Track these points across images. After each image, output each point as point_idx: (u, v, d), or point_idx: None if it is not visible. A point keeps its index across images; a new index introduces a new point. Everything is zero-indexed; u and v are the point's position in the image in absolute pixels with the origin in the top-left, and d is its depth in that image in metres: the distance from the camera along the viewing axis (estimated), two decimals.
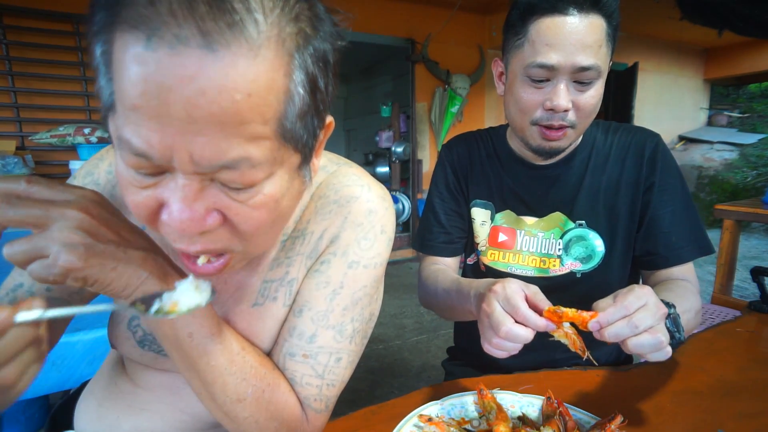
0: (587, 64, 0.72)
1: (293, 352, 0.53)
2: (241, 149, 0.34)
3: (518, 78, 0.79)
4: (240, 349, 0.49)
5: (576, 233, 0.88)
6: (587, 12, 0.72)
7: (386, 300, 3.40)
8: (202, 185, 0.36)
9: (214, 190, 0.37)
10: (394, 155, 4.92)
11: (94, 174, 0.57)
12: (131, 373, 0.62)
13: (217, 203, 0.37)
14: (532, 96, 0.77)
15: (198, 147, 0.33)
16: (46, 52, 2.97)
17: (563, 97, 0.74)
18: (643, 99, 6.13)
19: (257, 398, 0.49)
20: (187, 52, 0.31)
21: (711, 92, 7.26)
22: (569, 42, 0.72)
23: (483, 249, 0.95)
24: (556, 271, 0.89)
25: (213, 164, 0.34)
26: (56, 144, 2.67)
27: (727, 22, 2.81)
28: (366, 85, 6.88)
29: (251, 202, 0.38)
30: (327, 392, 0.54)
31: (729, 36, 3.16)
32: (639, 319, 0.54)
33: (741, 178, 5.90)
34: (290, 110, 0.37)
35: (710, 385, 0.73)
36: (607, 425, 0.58)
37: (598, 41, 0.72)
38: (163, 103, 0.32)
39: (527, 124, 0.80)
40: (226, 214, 0.38)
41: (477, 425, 0.62)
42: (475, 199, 0.96)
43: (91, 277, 0.37)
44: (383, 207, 0.56)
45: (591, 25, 0.72)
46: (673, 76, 6.60)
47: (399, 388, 2.21)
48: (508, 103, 0.84)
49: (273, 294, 0.55)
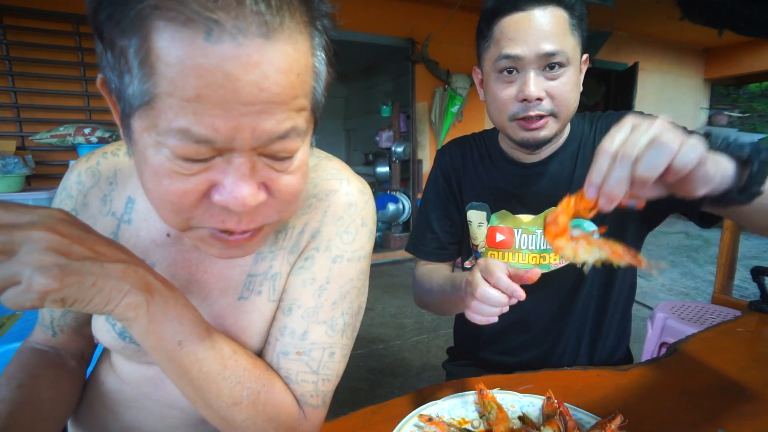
0: (551, 50, 0.74)
1: (286, 351, 0.53)
2: (293, 120, 0.38)
3: (491, 77, 0.82)
4: (232, 353, 0.49)
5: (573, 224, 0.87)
6: (546, 5, 0.75)
7: (386, 300, 3.40)
8: (252, 161, 0.38)
9: (260, 164, 0.39)
10: (394, 155, 4.92)
11: (67, 188, 0.59)
12: (117, 369, 0.62)
13: (263, 177, 0.40)
14: (505, 91, 0.80)
15: (261, 123, 0.36)
16: (46, 52, 2.97)
17: (533, 85, 0.76)
18: (643, 99, 6.13)
19: (253, 401, 0.49)
20: (247, 42, 0.34)
21: (711, 92, 7.26)
22: (531, 33, 0.75)
23: (483, 251, 0.95)
24: (557, 264, 0.90)
25: (272, 136, 0.37)
26: (56, 144, 2.67)
27: (728, 22, 2.81)
28: (366, 85, 6.88)
29: (291, 168, 0.41)
30: (323, 387, 0.54)
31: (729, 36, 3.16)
32: (630, 143, 0.42)
33: None
34: (318, 83, 0.41)
35: (710, 385, 0.73)
36: (607, 425, 0.58)
37: (561, 30, 0.75)
38: (230, 90, 0.34)
39: (506, 120, 0.81)
40: (269, 186, 0.41)
41: (477, 425, 0.62)
42: (470, 202, 0.96)
43: (70, 297, 0.36)
44: (363, 200, 0.57)
45: (552, 16, 0.75)
46: (673, 75, 6.60)
47: (399, 388, 2.21)
48: (488, 105, 0.86)
49: (258, 288, 0.55)
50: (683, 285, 3.71)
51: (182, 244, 0.56)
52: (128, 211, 0.56)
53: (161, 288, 0.43)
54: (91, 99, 3.12)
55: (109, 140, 2.60)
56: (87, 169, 0.58)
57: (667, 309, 1.64)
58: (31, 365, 0.58)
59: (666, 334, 1.55)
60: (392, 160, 4.98)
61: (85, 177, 0.58)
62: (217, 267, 0.56)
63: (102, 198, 0.57)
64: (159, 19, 0.33)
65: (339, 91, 7.63)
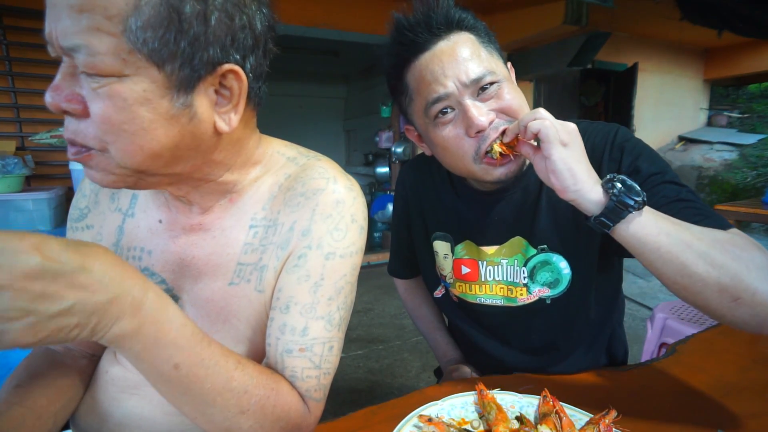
0: (477, 74, 0.69)
1: (289, 348, 0.54)
2: (81, 37, 0.40)
3: (430, 130, 0.74)
4: (237, 363, 0.48)
5: (539, 259, 0.81)
6: (446, 36, 0.70)
7: (386, 300, 3.40)
8: (71, 70, 0.43)
9: (81, 78, 0.43)
10: (394, 155, 4.92)
11: (82, 188, 0.67)
12: (120, 358, 0.63)
13: (77, 89, 0.44)
14: (452, 134, 0.71)
15: (55, 28, 0.41)
16: (46, 52, 2.94)
17: (477, 113, 0.68)
18: (643, 99, 6.13)
19: (262, 406, 0.49)
20: None
21: (711, 92, 7.26)
22: (447, 66, 0.69)
23: (451, 281, 0.91)
24: (524, 300, 0.84)
25: (59, 44, 0.42)
26: (56, 144, 2.66)
27: (727, 22, 2.81)
28: (366, 85, 6.87)
29: (100, 91, 0.42)
30: (324, 381, 0.56)
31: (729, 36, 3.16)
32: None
33: (741, 178, 5.89)
34: (136, 16, 0.41)
35: (710, 385, 0.73)
36: (601, 420, 0.59)
37: (474, 52, 0.70)
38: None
39: (472, 165, 0.72)
40: (85, 102, 0.43)
41: (477, 425, 0.62)
42: (435, 231, 0.91)
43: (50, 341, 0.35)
44: (351, 197, 0.58)
45: (458, 43, 0.70)
46: (673, 76, 6.60)
47: (399, 389, 2.21)
48: (441, 158, 0.78)
49: (247, 276, 0.58)
50: None
51: (172, 230, 0.59)
52: (132, 206, 0.62)
53: (155, 310, 0.42)
54: None
55: None
56: None
57: (667, 309, 1.64)
58: (34, 365, 0.60)
59: (666, 334, 1.55)
60: (392, 160, 4.98)
61: None
62: (203, 252, 0.58)
63: (110, 196, 0.63)
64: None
65: (339, 91, 7.64)
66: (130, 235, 0.60)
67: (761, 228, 5.43)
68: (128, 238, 0.61)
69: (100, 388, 0.63)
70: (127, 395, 0.61)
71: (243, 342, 0.59)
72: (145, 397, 0.60)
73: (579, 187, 0.60)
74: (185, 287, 0.59)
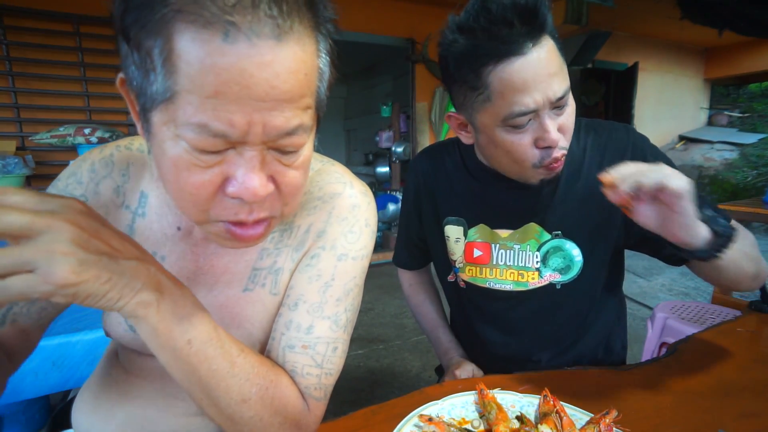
0: (562, 92, 0.68)
1: (292, 344, 0.55)
2: (300, 118, 0.41)
3: (497, 131, 0.73)
4: (239, 351, 0.49)
5: (553, 244, 0.85)
6: (538, 40, 0.66)
7: (386, 300, 3.39)
8: (263, 155, 0.42)
9: (269, 158, 0.43)
10: (394, 155, 4.93)
11: (77, 174, 0.59)
12: (124, 361, 0.63)
13: (272, 170, 0.43)
14: (522, 141, 0.71)
15: (272, 119, 0.39)
16: (46, 52, 2.97)
17: (554, 132, 0.70)
18: (643, 99, 6.13)
19: (261, 396, 0.49)
20: (261, 43, 0.37)
21: (711, 92, 7.26)
22: (539, 80, 0.66)
23: (461, 266, 0.93)
24: (535, 284, 0.86)
25: (281, 132, 0.41)
26: (56, 144, 2.67)
27: (728, 21, 2.81)
28: (366, 85, 6.88)
29: (296, 163, 0.44)
30: (325, 381, 0.56)
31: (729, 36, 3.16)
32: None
33: (741, 177, 5.89)
34: (322, 84, 0.45)
35: (710, 385, 0.73)
36: (601, 420, 0.59)
37: (559, 65, 0.69)
38: (245, 87, 0.37)
39: (528, 169, 0.74)
40: (276, 179, 0.44)
41: (477, 425, 0.62)
42: (448, 217, 0.92)
43: (83, 292, 0.35)
44: (365, 202, 0.60)
45: (548, 52, 0.67)
46: (673, 75, 6.60)
47: (399, 388, 2.21)
48: (494, 155, 0.78)
49: (262, 281, 0.58)
50: (683, 285, 3.71)
51: (191, 238, 0.58)
52: (142, 205, 0.59)
53: (171, 287, 0.44)
54: (91, 99, 3.13)
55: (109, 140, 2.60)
56: (101, 159, 0.60)
57: (667, 309, 1.64)
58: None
59: (666, 334, 1.55)
60: (392, 160, 4.98)
61: (99, 166, 0.59)
62: (222, 261, 0.58)
63: (115, 189, 0.59)
64: (181, 21, 0.36)
65: (339, 91, 7.63)
66: (141, 236, 0.58)
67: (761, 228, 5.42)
68: (139, 240, 0.58)
69: (102, 390, 0.63)
70: (131, 398, 0.61)
71: (256, 346, 0.59)
72: (148, 399, 0.60)
73: (696, 232, 0.63)
74: (199, 295, 0.58)
